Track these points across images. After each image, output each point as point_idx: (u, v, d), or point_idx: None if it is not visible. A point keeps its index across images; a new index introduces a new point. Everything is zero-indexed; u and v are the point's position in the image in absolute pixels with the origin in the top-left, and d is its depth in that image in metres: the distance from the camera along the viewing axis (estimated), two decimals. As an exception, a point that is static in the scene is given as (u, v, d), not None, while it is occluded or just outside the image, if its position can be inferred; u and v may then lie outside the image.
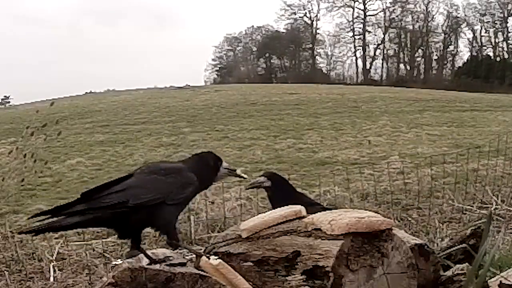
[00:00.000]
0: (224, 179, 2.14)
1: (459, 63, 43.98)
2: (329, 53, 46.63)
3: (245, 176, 2.17)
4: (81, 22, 59.73)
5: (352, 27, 45.29)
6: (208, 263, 1.93)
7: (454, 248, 2.39)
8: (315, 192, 5.47)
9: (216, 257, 1.98)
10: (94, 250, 3.79)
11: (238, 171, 2.14)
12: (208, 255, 2.05)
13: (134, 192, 1.84)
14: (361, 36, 45.10)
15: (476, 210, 4.42)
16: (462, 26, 43.75)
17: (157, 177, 1.90)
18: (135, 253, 2.04)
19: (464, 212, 4.40)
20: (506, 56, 41.43)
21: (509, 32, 41.58)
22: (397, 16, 44.54)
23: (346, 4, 45.20)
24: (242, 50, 48.08)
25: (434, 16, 44.30)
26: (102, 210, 1.81)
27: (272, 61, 47.37)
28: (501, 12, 41.65)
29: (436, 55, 45.01)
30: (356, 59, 45.31)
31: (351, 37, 45.42)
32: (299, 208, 2.15)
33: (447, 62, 45.04)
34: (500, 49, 42.36)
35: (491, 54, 42.33)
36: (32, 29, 60.71)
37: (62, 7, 61.91)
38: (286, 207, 2.21)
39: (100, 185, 1.91)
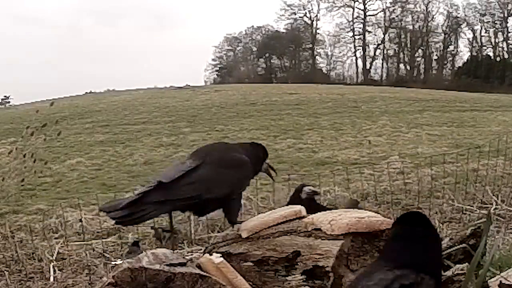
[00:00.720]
0: (261, 174, 2.28)
1: (459, 63, 43.95)
2: (329, 53, 46.58)
3: (274, 177, 2.34)
4: (81, 22, 59.57)
5: (352, 27, 45.27)
6: (210, 260, 1.94)
7: (454, 248, 2.39)
8: (315, 192, 5.46)
9: (219, 255, 1.98)
10: (94, 250, 3.79)
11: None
12: (211, 251, 2.07)
13: (206, 186, 2.02)
14: (361, 36, 45.08)
15: (476, 210, 4.42)
16: (462, 26, 43.74)
17: (224, 170, 2.08)
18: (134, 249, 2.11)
19: (464, 212, 4.40)
20: (506, 56, 41.39)
21: (509, 32, 41.58)
22: (397, 16, 44.51)
23: (346, 4, 45.16)
24: (242, 50, 48.06)
25: (434, 16, 44.27)
26: (178, 201, 2.01)
27: (272, 61, 47.33)
28: (501, 12, 41.63)
29: (436, 55, 44.99)
30: (356, 59, 45.28)
31: (351, 37, 45.39)
32: (299, 208, 2.15)
33: (447, 62, 45.01)
34: (500, 49, 42.34)
35: (491, 54, 42.31)
36: (32, 29, 60.62)
37: (62, 7, 61.76)
38: (286, 207, 2.21)
39: (173, 173, 2.05)
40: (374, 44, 44.97)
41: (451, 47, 44.40)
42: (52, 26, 62.46)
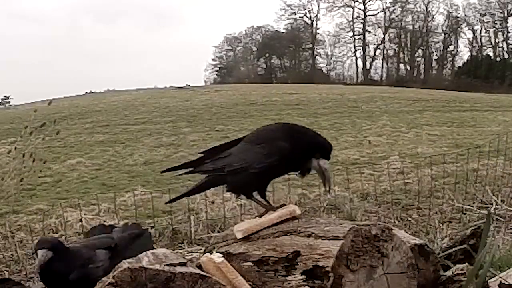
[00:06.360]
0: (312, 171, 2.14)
1: (459, 63, 43.98)
2: (329, 53, 46.62)
3: (331, 190, 2.23)
4: (81, 22, 59.62)
5: (352, 27, 45.30)
6: (211, 260, 1.94)
7: (454, 248, 2.39)
8: (315, 192, 5.46)
9: (221, 255, 1.98)
10: (94, 250, 3.78)
11: (328, 180, 2.09)
12: (211, 251, 2.07)
13: (230, 160, 2.13)
14: (361, 36, 45.10)
15: (476, 210, 4.42)
16: (462, 26, 43.77)
17: (249, 146, 2.13)
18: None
19: (464, 212, 4.40)
20: (506, 56, 41.40)
21: (509, 32, 41.59)
22: (397, 16, 44.53)
23: (346, 4, 45.20)
24: (242, 50, 48.07)
25: (434, 16, 44.31)
26: (210, 173, 2.18)
27: (272, 61, 47.34)
28: (501, 12, 41.64)
29: (436, 55, 45.01)
30: (356, 59, 45.32)
31: (351, 37, 45.42)
32: (293, 208, 2.16)
33: (447, 62, 45.04)
34: (500, 49, 42.36)
35: (491, 54, 42.33)
36: (31, 28, 60.64)
37: (60, 7, 61.81)
38: (281, 207, 2.21)
39: (218, 146, 2.24)
40: (374, 44, 45.04)
41: (451, 47, 44.47)
42: (51, 26, 62.56)
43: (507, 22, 41.30)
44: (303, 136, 2.10)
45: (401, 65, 45.30)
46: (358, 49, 45.10)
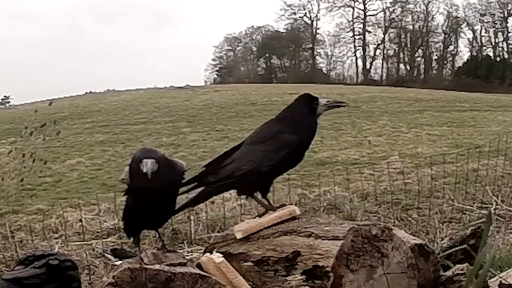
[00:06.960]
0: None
1: (459, 63, 43.97)
2: (329, 53, 46.61)
3: (344, 103, 2.39)
4: (81, 22, 59.59)
5: (352, 27, 45.29)
6: (211, 260, 1.94)
7: (454, 249, 2.39)
8: (315, 192, 5.45)
9: (221, 255, 1.98)
10: (94, 250, 3.78)
11: (336, 101, 2.34)
12: (211, 251, 2.07)
13: (237, 165, 2.15)
14: (361, 36, 45.09)
15: (476, 210, 4.42)
16: (462, 26, 43.76)
17: (254, 147, 2.17)
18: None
19: (464, 212, 4.39)
20: (506, 56, 41.40)
21: (509, 32, 41.60)
22: (397, 16, 44.52)
23: (346, 4, 45.19)
24: (242, 50, 48.06)
25: (434, 16, 44.31)
26: (219, 181, 2.17)
27: (272, 61, 47.32)
28: (501, 12, 41.64)
29: (436, 55, 45.00)
30: (356, 59, 45.31)
31: (351, 37, 45.41)
32: (293, 208, 2.16)
33: (447, 62, 45.03)
34: (500, 49, 42.36)
35: (491, 54, 42.33)
36: (31, 28, 60.65)
37: (61, 7, 61.77)
38: (281, 207, 2.21)
39: (218, 157, 2.24)
40: (374, 44, 45.04)
41: (451, 47, 44.47)
42: (51, 26, 62.59)
43: (507, 22, 41.34)
44: (295, 111, 2.25)
45: (401, 65, 45.34)
46: (358, 49, 45.13)
